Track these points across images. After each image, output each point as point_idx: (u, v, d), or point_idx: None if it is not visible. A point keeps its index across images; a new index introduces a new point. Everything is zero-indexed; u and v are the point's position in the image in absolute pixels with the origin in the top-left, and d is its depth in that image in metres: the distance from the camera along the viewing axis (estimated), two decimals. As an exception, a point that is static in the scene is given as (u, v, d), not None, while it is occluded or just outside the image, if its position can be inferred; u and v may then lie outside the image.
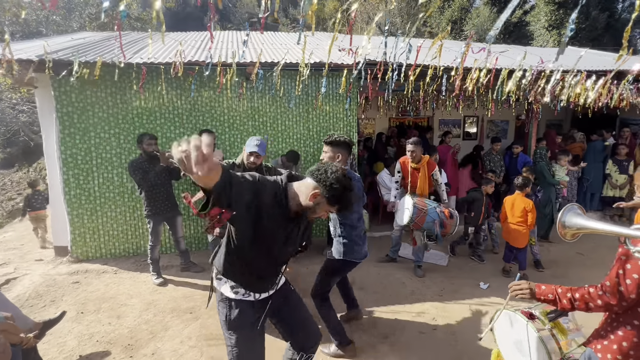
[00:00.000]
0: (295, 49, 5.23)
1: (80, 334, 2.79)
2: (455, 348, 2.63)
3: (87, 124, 4.08)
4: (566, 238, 1.30)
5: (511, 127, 8.48)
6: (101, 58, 3.42)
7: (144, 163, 3.52)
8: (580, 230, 1.21)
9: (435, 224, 3.44)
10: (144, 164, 3.52)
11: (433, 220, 3.44)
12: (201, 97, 4.35)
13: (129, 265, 4.13)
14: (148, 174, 3.49)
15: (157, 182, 3.55)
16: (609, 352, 1.31)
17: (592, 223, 1.17)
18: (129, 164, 3.55)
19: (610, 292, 1.24)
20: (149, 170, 3.50)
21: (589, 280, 3.16)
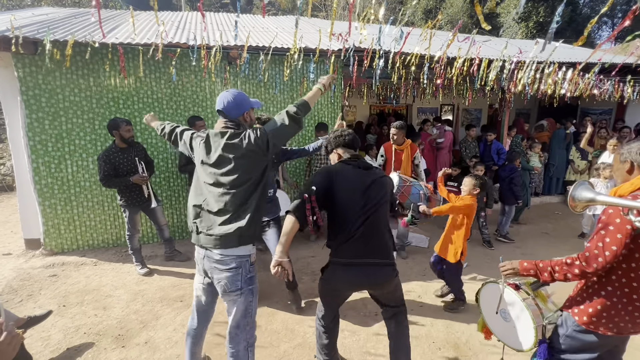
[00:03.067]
0: (282, 33, 5.12)
1: (65, 327, 2.68)
2: (441, 322, 2.81)
3: (56, 108, 3.80)
4: (576, 210, 1.43)
5: (484, 115, 8.87)
6: (73, 37, 3.17)
7: (116, 154, 3.28)
8: (590, 202, 1.34)
9: (421, 196, 3.48)
10: (117, 156, 3.28)
11: (418, 192, 3.46)
12: (182, 81, 4.17)
13: (109, 257, 3.98)
14: (119, 167, 3.28)
15: (131, 172, 3.33)
16: (585, 314, 1.48)
17: (600, 197, 1.29)
18: (100, 155, 3.28)
19: (587, 261, 1.38)
20: (121, 162, 3.30)
21: (555, 254, 3.42)
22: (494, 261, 4.00)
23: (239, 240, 1.73)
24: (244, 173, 1.75)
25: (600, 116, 7.73)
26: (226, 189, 1.74)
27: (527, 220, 5.51)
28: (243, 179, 1.75)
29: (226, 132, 1.79)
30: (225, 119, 1.85)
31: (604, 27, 20.61)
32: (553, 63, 4.13)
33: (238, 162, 1.75)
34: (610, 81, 5.27)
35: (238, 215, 1.73)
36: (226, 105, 1.82)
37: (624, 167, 1.49)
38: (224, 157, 1.76)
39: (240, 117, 1.87)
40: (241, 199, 1.74)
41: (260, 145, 1.76)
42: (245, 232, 1.72)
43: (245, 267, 1.78)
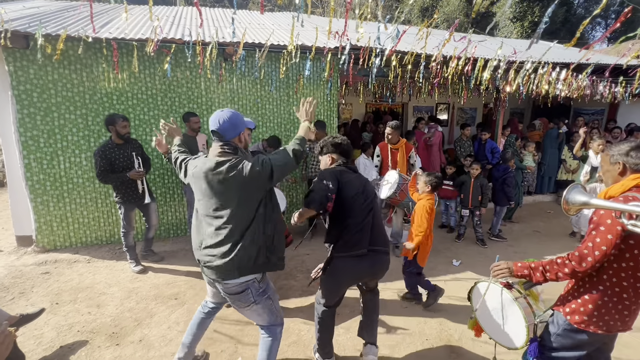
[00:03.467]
0: (278, 30, 5.09)
1: (58, 325, 2.66)
2: (433, 319, 2.84)
3: (49, 103, 3.75)
4: (569, 213, 1.45)
5: (479, 115, 8.93)
6: (66, 31, 3.12)
7: (112, 150, 3.25)
8: (583, 206, 1.36)
9: None
10: (113, 152, 3.26)
11: None
12: (177, 77, 4.14)
13: (103, 254, 3.95)
14: (115, 163, 3.25)
15: (127, 168, 3.30)
16: (576, 313, 1.51)
17: (593, 200, 1.31)
18: (96, 150, 3.25)
19: (577, 260, 1.41)
20: (117, 157, 3.27)
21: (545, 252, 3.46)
22: (487, 259, 4.05)
23: (239, 272, 1.72)
24: (240, 204, 1.71)
25: (592, 116, 7.84)
26: (221, 220, 1.71)
27: (519, 218, 5.58)
28: (239, 210, 1.71)
29: (224, 162, 1.70)
30: (220, 141, 1.76)
31: (597, 28, 20.82)
32: (547, 63, 4.17)
33: (233, 193, 1.69)
34: (603, 82, 5.34)
35: (234, 248, 1.70)
36: (221, 125, 1.74)
37: (615, 169, 1.51)
38: (219, 187, 1.70)
39: (236, 139, 1.80)
40: (237, 231, 1.71)
41: (262, 174, 1.70)
42: (246, 263, 1.71)
43: (253, 287, 1.79)
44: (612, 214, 1.34)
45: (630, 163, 1.46)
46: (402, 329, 2.71)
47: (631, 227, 1.09)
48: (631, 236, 1.34)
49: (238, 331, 2.63)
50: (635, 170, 1.45)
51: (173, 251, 4.11)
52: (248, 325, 2.68)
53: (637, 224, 1.05)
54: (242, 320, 2.77)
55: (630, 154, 1.46)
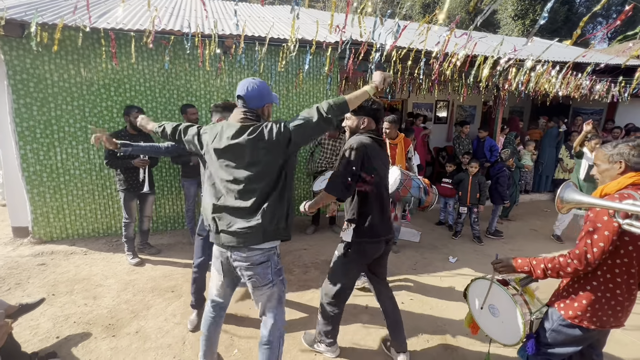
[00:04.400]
0: (277, 24, 5.05)
1: (54, 316, 2.66)
2: (430, 315, 2.87)
3: (45, 93, 3.71)
4: (562, 212, 1.46)
5: (478, 112, 8.93)
6: (62, 20, 3.08)
7: (126, 137, 3.34)
8: (576, 204, 1.36)
9: (420, 189, 3.54)
10: (126, 138, 3.32)
11: (418, 185, 3.54)
12: (176, 69, 4.10)
13: (100, 246, 3.94)
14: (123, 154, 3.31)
15: (133, 157, 3.34)
16: (571, 309, 1.53)
17: (587, 198, 1.31)
18: (110, 134, 3.29)
19: (578, 259, 1.42)
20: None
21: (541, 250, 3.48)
22: (483, 257, 4.07)
23: (263, 236, 1.68)
24: (264, 167, 1.66)
25: (591, 116, 7.85)
26: (245, 184, 1.67)
27: (516, 217, 5.61)
28: (263, 173, 1.66)
29: (247, 127, 1.66)
30: (244, 107, 1.73)
31: (598, 28, 20.77)
32: (547, 62, 4.16)
33: (258, 157, 1.65)
34: (602, 81, 5.35)
35: (259, 211, 1.66)
36: (249, 91, 1.71)
37: (615, 168, 1.50)
38: (243, 151, 1.66)
39: (259, 109, 1.76)
40: (262, 194, 1.67)
41: (280, 140, 1.64)
42: (268, 227, 1.67)
43: (273, 259, 1.77)
44: (608, 211, 1.35)
45: (632, 162, 1.46)
46: (398, 324, 2.72)
47: (627, 227, 1.10)
48: (626, 233, 1.35)
49: (233, 324, 2.64)
50: (636, 169, 1.46)
51: (170, 244, 4.10)
52: (244, 319, 2.69)
53: (633, 222, 1.06)
54: (238, 312, 2.78)
55: (631, 153, 1.46)
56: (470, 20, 16.68)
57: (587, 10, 17.48)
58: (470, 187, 4.44)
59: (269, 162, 1.67)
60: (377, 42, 3.42)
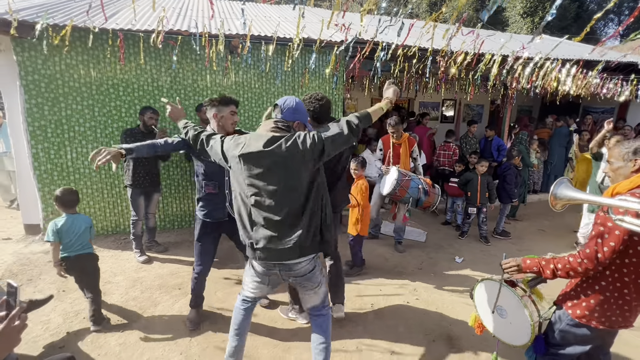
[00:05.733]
0: (283, 23, 5.06)
1: (64, 312, 2.72)
2: (435, 315, 2.86)
3: (56, 93, 3.78)
4: (556, 208, 1.44)
5: (486, 111, 8.84)
6: (72, 21, 3.13)
7: (138, 134, 3.49)
8: (570, 201, 1.34)
9: (420, 190, 3.52)
10: (138, 135, 3.49)
11: (417, 185, 3.51)
12: (183, 69, 4.14)
13: (109, 244, 4.01)
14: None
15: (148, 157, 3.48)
16: (579, 308, 1.51)
17: (580, 195, 1.30)
18: (124, 130, 3.56)
19: (589, 258, 1.40)
20: (139, 141, 3.39)
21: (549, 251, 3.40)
22: (490, 257, 4.04)
23: (300, 251, 1.68)
24: (297, 179, 1.63)
25: (602, 115, 7.71)
26: (277, 197, 1.63)
27: (524, 216, 5.54)
28: (295, 185, 1.64)
29: (279, 137, 1.64)
30: (276, 117, 1.76)
31: (610, 25, 20.37)
32: (556, 59, 4.10)
33: (291, 167, 1.62)
34: (614, 79, 5.24)
35: (293, 225, 1.65)
36: (287, 102, 1.77)
37: (629, 166, 1.48)
38: (276, 162, 1.62)
39: (291, 122, 1.78)
40: (295, 207, 1.65)
41: (314, 150, 1.63)
42: (304, 242, 1.66)
43: (318, 264, 1.84)
44: (619, 209, 1.33)
45: None
46: (404, 324, 2.72)
47: (618, 222, 1.08)
48: (636, 232, 1.33)
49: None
50: None
51: (177, 242, 4.15)
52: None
53: (623, 218, 1.04)
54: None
55: None
56: (477, 19, 16.50)
57: (598, 7, 17.15)
58: (480, 187, 4.40)
59: (302, 173, 1.64)
60: (383, 40, 3.41)
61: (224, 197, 2.39)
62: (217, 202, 2.38)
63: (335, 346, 2.37)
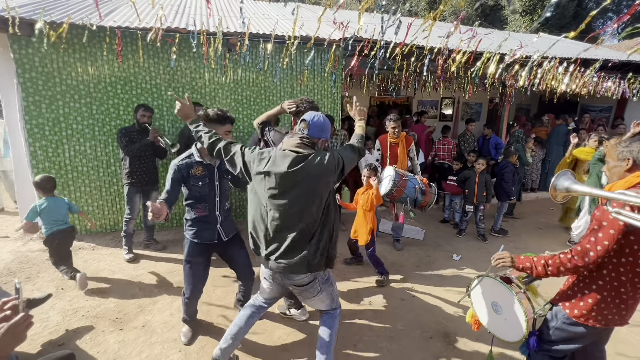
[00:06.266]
0: (282, 21, 5.05)
1: (63, 310, 2.72)
2: (432, 312, 2.87)
3: (53, 91, 3.76)
4: (557, 200, 1.45)
5: (484, 110, 8.85)
6: (70, 18, 3.12)
7: (133, 132, 3.52)
8: (570, 192, 1.35)
9: (417, 189, 3.53)
10: (133, 134, 3.52)
11: (414, 185, 3.53)
12: (181, 67, 4.13)
13: (107, 242, 4.01)
14: (133, 144, 3.47)
15: (141, 154, 3.53)
16: (576, 308, 1.52)
17: (579, 187, 1.30)
18: (119, 130, 3.53)
19: (580, 256, 1.42)
20: (135, 140, 3.50)
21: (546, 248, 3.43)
22: (487, 255, 4.06)
23: (307, 268, 1.74)
24: (315, 198, 1.69)
25: (600, 113, 7.74)
26: (297, 215, 1.69)
27: (522, 214, 5.57)
28: (313, 204, 1.69)
29: (306, 155, 1.68)
30: (305, 132, 1.77)
31: (608, 23, 20.38)
32: (554, 58, 4.11)
33: (313, 189, 1.68)
34: (612, 78, 5.26)
35: (305, 242, 1.72)
36: (315, 119, 1.77)
37: (623, 165, 1.48)
38: (298, 184, 1.66)
39: (317, 140, 1.80)
40: (310, 226, 1.71)
41: (337, 170, 1.73)
42: (313, 260, 1.73)
43: (320, 277, 1.87)
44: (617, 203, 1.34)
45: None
46: (401, 322, 2.74)
47: (615, 214, 1.09)
48: (632, 232, 1.34)
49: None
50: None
51: (176, 240, 4.16)
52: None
53: (621, 211, 1.06)
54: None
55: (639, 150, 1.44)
56: (476, 17, 16.48)
57: (596, 5, 17.17)
58: (477, 185, 4.41)
59: (322, 193, 1.71)
60: (381, 39, 3.40)
61: (215, 219, 2.28)
62: (207, 223, 2.26)
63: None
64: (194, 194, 2.20)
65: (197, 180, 2.16)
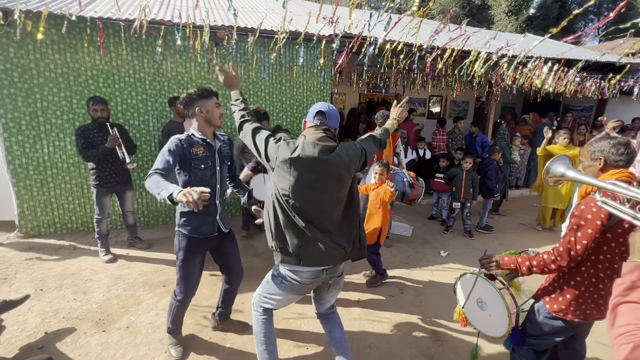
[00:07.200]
0: (270, 15, 4.97)
1: (42, 311, 2.62)
2: (420, 308, 2.91)
3: (30, 84, 3.60)
4: (548, 184, 1.48)
5: (471, 108, 8.98)
6: (47, 7, 2.98)
7: (91, 132, 3.21)
8: (562, 178, 1.37)
9: (405, 183, 3.56)
10: (92, 133, 3.21)
11: (402, 179, 3.55)
12: (167, 61, 4.02)
13: (89, 240, 3.89)
14: (91, 147, 3.19)
15: (106, 155, 3.25)
16: (556, 303, 1.56)
17: (573, 173, 1.32)
18: (77, 129, 3.25)
19: (563, 256, 1.45)
20: (94, 140, 3.21)
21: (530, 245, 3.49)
22: (474, 251, 4.13)
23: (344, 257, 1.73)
24: (343, 189, 1.69)
25: (581, 112, 7.97)
26: (324, 207, 1.65)
27: (506, 211, 5.69)
28: (340, 195, 1.69)
29: (332, 148, 1.66)
30: (324, 125, 1.70)
31: (590, 25, 20.97)
32: (539, 57, 4.19)
33: (340, 179, 1.67)
34: (593, 78, 5.41)
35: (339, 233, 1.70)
36: (331, 110, 1.72)
37: (596, 165, 1.53)
38: (327, 173, 1.62)
39: (333, 129, 1.76)
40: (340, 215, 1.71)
41: (359, 162, 1.75)
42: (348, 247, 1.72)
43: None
44: (592, 209, 1.38)
45: (611, 160, 1.49)
46: (390, 318, 2.76)
47: (601, 204, 1.12)
48: (608, 230, 1.39)
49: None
50: (615, 166, 1.49)
51: (162, 238, 4.07)
52: (236, 314, 2.69)
53: (607, 201, 1.08)
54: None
55: (611, 150, 1.49)
56: (464, 16, 16.68)
57: (580, 7, 17.63)
58: (464, 182, 4.47)
59: (347, 183, 1.71)
60: (371, 35, 3.39)
61: (216, 209, 2.11)
62: (207, 215, 2.07)
63: (321, 342, 2.38)
64: (194, 179, 1.97)
65: (200, 162, 1.96)
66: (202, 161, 1.98)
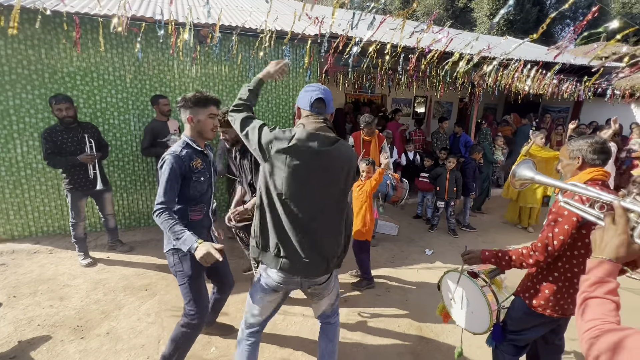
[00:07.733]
0: (255, 13, 4.91)
1: (16, 319, 2.51)
2: (406, 306, 2.94)
3: (1, 81, 3.43)
4: (515, 187, 1.52)
5: (455, 109, 9.16)
6: (20, 1, 2.84)
7: (59, 134, 3.05)
8: (527, 180, 1.41)
9: (388, 185, 3.60)
10: (59, 135, 3.05)
11: (385, 181, 3.59)
12: (148, 59, 3.91)
13: (67, 244, 3.74)
14: (63, 146, 3.05)
15: (77, 153, 3.10)
16: (534, 298, 1.61)
17: (538, 176, 1.36)
18: (42, 131, 3.08)
19: (540, 251, 1.50)
20: (62, 143, 3.06)
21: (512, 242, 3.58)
22: (458, 249, 4.21)
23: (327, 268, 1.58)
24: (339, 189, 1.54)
25: (558, 114, 8.26)
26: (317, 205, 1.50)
27: (489, 210, 5.83)
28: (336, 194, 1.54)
29: (334, 139, 1.49)
30: (323, 113, 1.53)
31: (567, 29, 21.77)
32: (518, 60, 4.31)
33: (338, 175, 1.51)
34: (569, 80, 5.61)
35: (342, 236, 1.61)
36: (327, 94, 1.54)
37: (574, 164, 1.59)
38: (325, 167, 1.47)
39: (329, 115, 1.59)
40: (331, 217, 1.55)
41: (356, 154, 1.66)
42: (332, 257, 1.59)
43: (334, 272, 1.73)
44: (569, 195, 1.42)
45: (588, 158, 1.55)
46: (376, 317, 2.77)
47: (563, 204, 1.16)
48: (583, 226, 1.44)
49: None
50: (592, 164, 1.54)
51: (143, 241, 3.96)
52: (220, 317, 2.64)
53: (568, 201, 1.13)
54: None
55: (588, 149, 1.55)
56: (447, 17, 17.00)
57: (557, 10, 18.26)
58: (448, 181, 4.55)
59: (343, 182, 1.55)
60: (355, 35, 3.40)
61: (210, 221, 2.01)
62: (203, 228, 1.95)
63: (306, 341, 2.37)
64: (192, 193, 1.83)
65: (199, 175, 1.82)
66: (201, 174, 1.84)
